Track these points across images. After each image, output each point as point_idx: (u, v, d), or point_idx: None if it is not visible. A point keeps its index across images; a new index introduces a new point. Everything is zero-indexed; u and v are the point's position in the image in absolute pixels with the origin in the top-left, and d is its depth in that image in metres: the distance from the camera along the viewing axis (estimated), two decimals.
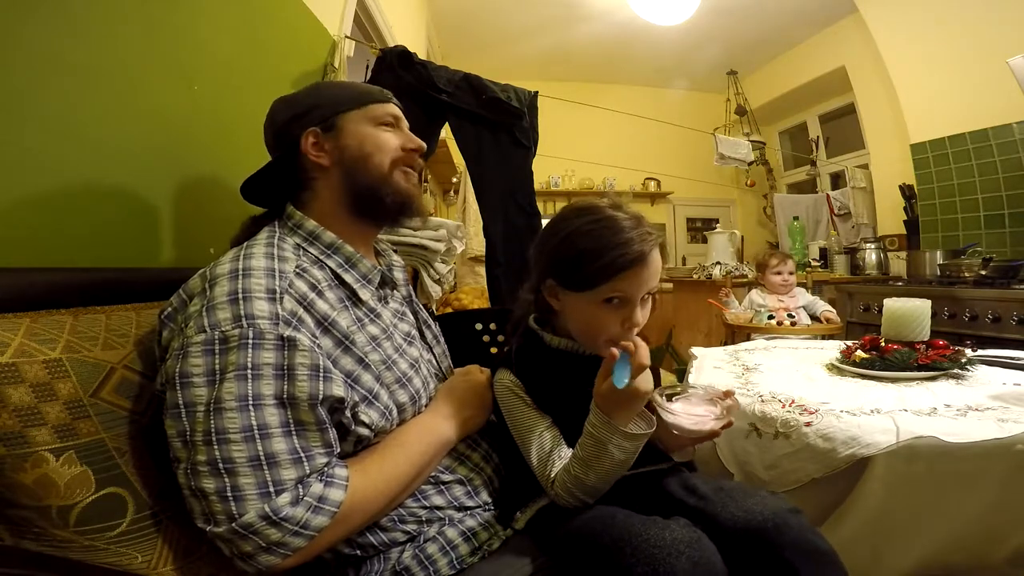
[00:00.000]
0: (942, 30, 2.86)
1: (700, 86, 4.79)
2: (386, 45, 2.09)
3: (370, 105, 0.77)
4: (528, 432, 0.73)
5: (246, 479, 0.53)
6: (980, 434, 0.75)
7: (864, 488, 0.80)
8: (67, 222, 0.73)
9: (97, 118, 0.78)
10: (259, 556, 0.54)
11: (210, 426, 0.54)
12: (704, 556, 0.56)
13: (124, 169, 0.83)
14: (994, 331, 1.94)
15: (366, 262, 0.74)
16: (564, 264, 0.72)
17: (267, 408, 0.56)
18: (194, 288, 0.62)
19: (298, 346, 0.58)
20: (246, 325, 0.57)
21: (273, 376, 0.57)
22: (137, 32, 0.85)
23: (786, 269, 2.29)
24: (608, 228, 0.70)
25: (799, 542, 0.61)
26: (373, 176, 0.74)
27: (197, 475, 0.53)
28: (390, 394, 0.68)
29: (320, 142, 0.74)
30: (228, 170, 1.11)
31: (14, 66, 0.65)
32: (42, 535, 0.52)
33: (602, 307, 0.71)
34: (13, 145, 0.65)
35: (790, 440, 0.87)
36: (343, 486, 0.58)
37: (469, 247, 3.20)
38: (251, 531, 0.53)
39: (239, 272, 0.61)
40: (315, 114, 0.74)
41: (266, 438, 0.55)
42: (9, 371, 0.51)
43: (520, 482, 0.77)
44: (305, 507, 0.55)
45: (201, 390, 0.55)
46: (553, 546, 0.69)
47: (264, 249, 0.65)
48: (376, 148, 0.75)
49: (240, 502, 0.53)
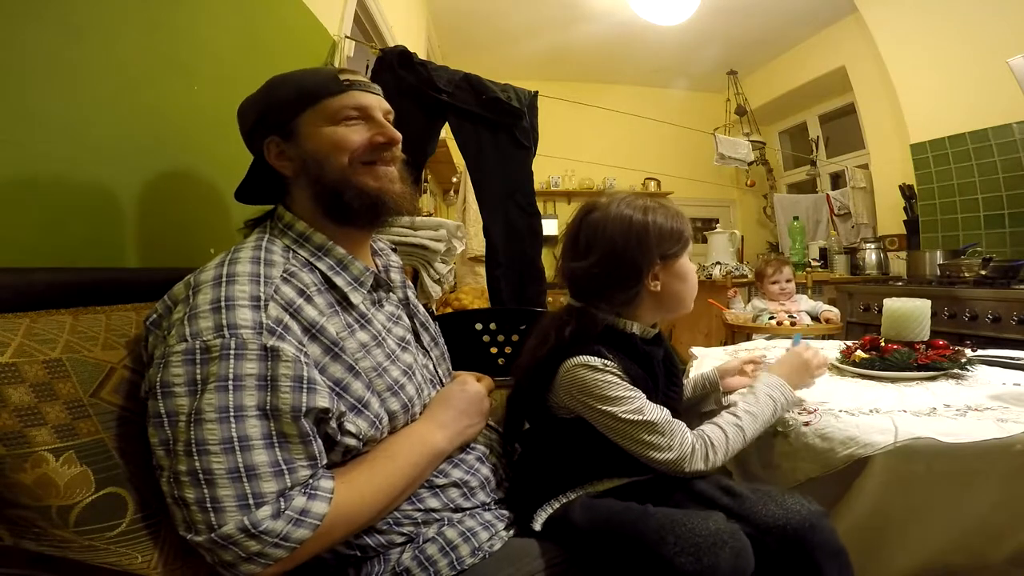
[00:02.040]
0: (942, 30, 2.86)
1: (700, 86, 4.79)
2: (386, 45, 2.09)
3: (324, 100, 0.70)
4: (640, 408, 0.75)
5: (225, 491, 0.53)
6: (979, 434, 0.75)
7: (862, 488, 0.80)
8: (67, 222, 0.73)
9: (97, 118, 0.78)
10: (240, 566, 0.53)
11: (191, 436, 0.53)
12: (744, 547, 0.59)
13: (124, 169, 0.83)
14: (994, 331, 1.94)
15: (358, 264, 0.72)
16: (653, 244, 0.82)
17: (248, 420, 0.55)
18: (178, 295, 0.61)
19: (281, 356, 0.57)
20: (228, 335, 0.56)
21: (256, 387, 0.56)
22: (137, 32, 0.86)
23: (783, 278, 2.29)
24: (675, 217, 0.84)
25: (828, 543, 0.65)
26: (333, 179, 0.70)
27: (179, 484, 0.53)
28: (381, 402, 0.67)
29: (283, 150, 0.71)
30: (228, 170, 1.10)
31: (14, 66, 0.65)
32: (42, 535, 0.52)
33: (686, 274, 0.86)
34: (13, 145, 0.65)
35: (788, 440, 0.87)
36: (327, 499, 0.57)
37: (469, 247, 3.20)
38: (230, 542, 0.52)
39: (223, 279, 0.59)
40: (272, 120, 0.71)
41: (246, 450, 0.54)
42: (9, 371, 0.51)
43: (536, 481, 0.77)
44: (286, 520, 0.54)
45: (183, 400, 0.55)
46: (576, 542, 0.69)
47: (251, 254, 0.64)
48: (333, 148, 0.70)
49: (219, 513, 0.52)
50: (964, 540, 0.80)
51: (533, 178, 1.85)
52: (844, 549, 0.66)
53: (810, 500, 0.70)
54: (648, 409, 0.74)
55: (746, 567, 0.58)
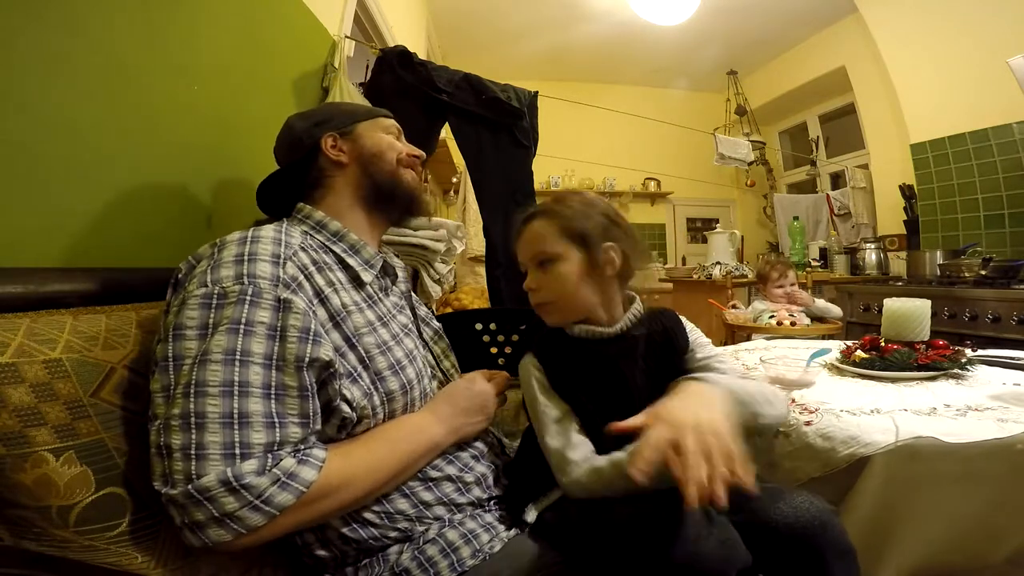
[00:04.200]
0: (942, 30, 2.86)
1: (700, 86, 4.79)
2: (386, 45, 2.09)
3: (379, 118, 0.89)
4: (543, 416, 0.74)
5: (213, 436, 0.53)
6: (980, 434, 0.75)
7: (863, 487, 0.80)
8: (67, 222, 0.73)
9: (96, 118, 0.78)
10: (209, 528, 0.51)
11: (192, 378, 0.54)
12: (732, 537, 0.60)
13: (124, 169, 0.83)
14: (994, 331, 1.94)
15: (370, 249, 0.79)
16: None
17: (253, 366, 0.56)
18: (203, 253, 0.65)
19: (292, 308, 0.60)
20: (247, 282, 0.59)
21: (266, 336, 0.58)
22: (137, 32, 0.85)
23: (787, 282, 2.23)
24: None
25: (839, 542, 0.65)
26: (386, 171, 0.84)
27: (168, 430, 0.53)
28: (381, 380, 0.69)
29: (338, 144, 0.83)
30: (228, 170, 1.11)
31: (14, 66, 0.65)
32: (42, 535, 0.52)
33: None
34: (13, 145, 0.65)
35: (790, 439, 0.87)
36: (317, 467, 0.57)
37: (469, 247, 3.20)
38: (206, 496, 0.51)
39: (248, 239, 0.65)
40: (333, 122, 0.85)
41: (244, 396, 0.55)
42: (9, 371, 0.51)
43: (530, 476, 0.77)
44: (271, 479, 0.53)
45: (191, 343, 0.56)
46: (570, 538, 0.69)
47: (273, 229, 0.69)
48: (388, 147, 0.85)
49: (202, 461, 0.52)
50: (964, 540, 0.80)
51: (533, 178, 1.85)
52: (853, 549, 0.66)
53: (819, 498, 0.69)
54: (548, 424, 0.73)
55: (735, 556, 0.58)
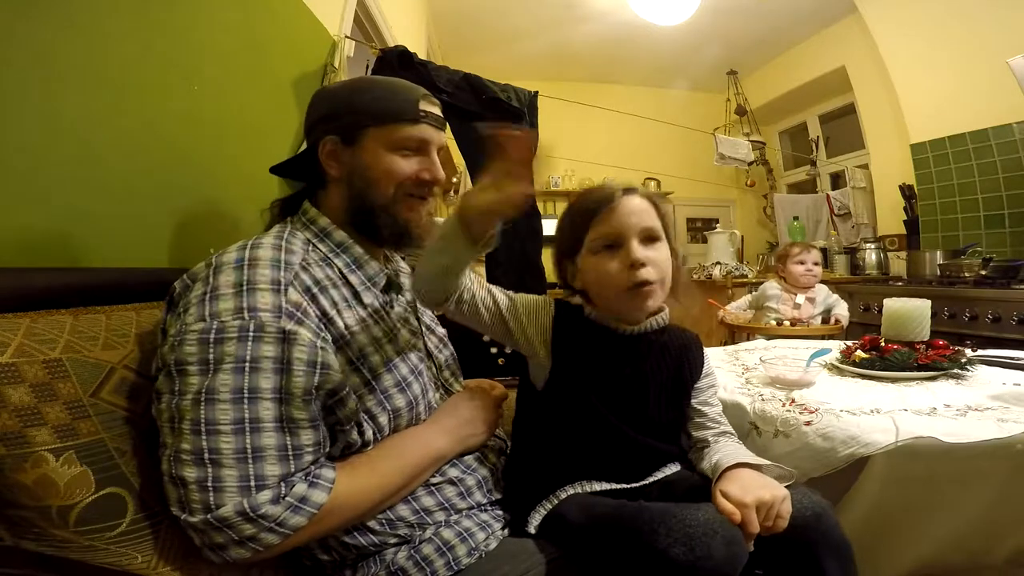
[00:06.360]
0: (942, 30, 2.86)
1: (700, 86, 4.79)
2: (386, 45, 2.09)
3: (395, 125, 0.73)
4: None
5: (229, 471, 0.53)
6: (980, 434, 0.75)
7: (863, 487, 0.80)
8: (67, 222, 0.73)
9: (96, 118, 0.78)
10: (230, 549, 0.54)
11: (199, 415, 0.54)
12: (736, 535, 0.59)
13: (124, 169, 0.83)
14: (994, 331, 1.94)
15: (374, 264, 0.76)
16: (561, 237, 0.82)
17: (263, 402, 0.56)
18: (198, 272, 0.62)
19: (298, 340, 0.59)
20: (247, 317, 0.57)
21: (272, 370, 0.57)
22: (137, 32, 0.85)
23: (810, 259, 2.06)
24: (582, 195, 0.82)
25: (831, 534, 0.65)
26: (375, 202, 0.74)
27: (179, 463, 0.54)
28: (387, 398, 0.68)
29: (336, 152, 0.74)
30: (228, 170, 1.11)
31: (13, 66, 0.65)
32: (42, 535, 0.52)
33: (601, 256, 0.76)
34: (13, 145, 0.65)
35: (790, 439, 0.87)
36: (327, 488, 0.58)
37: None
38: (225, 524, 0.53)
39: (245, 262, 0.61)
40: (341, 121, 0.74)
41: (256, 432, 0.55)
42: (9, 371, 0.51)
43: (529, 483, 0.77)
44: (285, 506, 0.55)
45: (194, 378, 0.56)
46: (570, 538, 0.69)
47: (272, 241, 0.66)
48: (384, 174, 0.73)
49: (219, 493, 0.53)
50: (964, 540, 0.80)
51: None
52: (848, 543, 0.66)
53: (815, 492, 0.70)
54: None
55: (739, 555, 0.58)
